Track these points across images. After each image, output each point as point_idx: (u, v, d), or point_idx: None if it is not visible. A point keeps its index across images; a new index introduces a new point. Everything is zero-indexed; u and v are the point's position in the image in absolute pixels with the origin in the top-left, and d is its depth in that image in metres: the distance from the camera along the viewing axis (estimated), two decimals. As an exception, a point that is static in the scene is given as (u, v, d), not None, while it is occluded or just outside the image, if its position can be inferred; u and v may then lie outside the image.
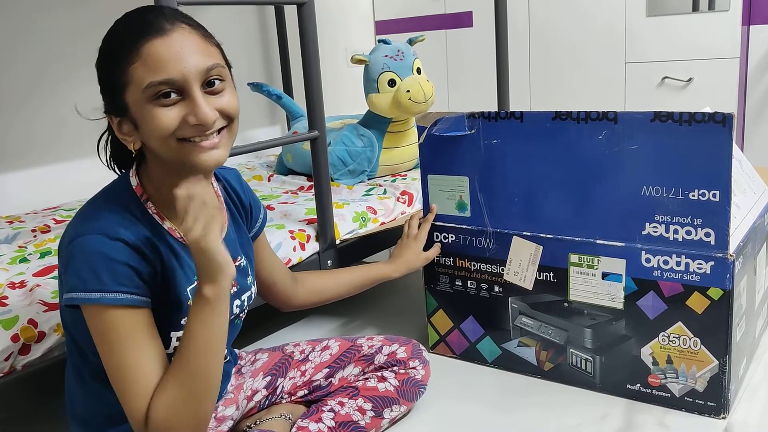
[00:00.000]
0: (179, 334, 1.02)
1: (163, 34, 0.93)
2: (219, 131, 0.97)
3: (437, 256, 1.59)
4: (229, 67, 1.02)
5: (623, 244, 1.34)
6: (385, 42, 2.16)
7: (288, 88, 2.97)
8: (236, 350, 1.36)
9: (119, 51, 0.94)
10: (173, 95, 0.93)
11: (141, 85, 0.92)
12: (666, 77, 2.74)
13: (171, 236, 1.03)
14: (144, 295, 0.96)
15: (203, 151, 0.96)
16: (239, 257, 1.15)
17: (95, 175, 1.13)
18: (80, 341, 1.03)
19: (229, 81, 1.00)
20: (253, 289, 1.20)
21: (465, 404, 1.44)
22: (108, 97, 0.98)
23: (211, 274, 0.93)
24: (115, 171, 1.10)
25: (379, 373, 1.33)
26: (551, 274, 1.44)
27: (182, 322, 1.02)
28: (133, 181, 1.03)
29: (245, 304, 1.17)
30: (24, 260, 1.54)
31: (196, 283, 1.03)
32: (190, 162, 0.96)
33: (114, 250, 0.93)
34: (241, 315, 1.18)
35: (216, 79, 0.96)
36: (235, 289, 1.13)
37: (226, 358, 1.20)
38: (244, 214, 1.22)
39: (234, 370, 1.30)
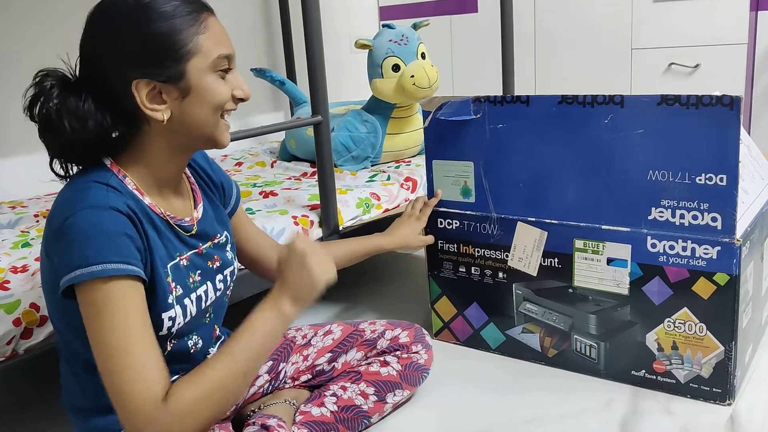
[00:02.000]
0: (170, 313, 1.00)
1: (212, 12, 1.01)
2: None
3: (441, 242, 1.58)
4: None
5: (629, 230, 1.33)
6: (389, 27, 2.15)
7: (291, 73, 2.95)
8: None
9: (184, 19, 0.96)
10: (228, 71, 1.01)
11: (210, 56, 0.97)
12: (673, 63, 2.72)
13: (152, 211, 1.01)
14: (141, 267, 0.94)
15: (227, 130, 1.04)
16: (218, 234, 1.14)
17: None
18: (69, 338, 1.01)
19: None
20: (236, 264, 1.20)
21: (468, 390, 1.44)
22: (156, 63, 0.95)
23: (302, 299, 1.03)
24: (64, 168, 1.02)
25: (381, 358, 1.33)
26: (556, 260, 1.43)
27: (169, 300, 1.00)
28: (106, 160, 1.00)
29: (228, 279, 1.16)
30: (26, 245, 1.54)
31: (178, 260, 1.03)
32: (218, 138, 1.02)
33: (109, 220, 0.91)
34: (227, 292, 1.18)
35: None
36: (218, 264, 1.13)
37: (217, 331, 1.20)
38: (216, 192, 1.21)
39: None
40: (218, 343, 1.18)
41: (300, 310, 1.03)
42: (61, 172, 1.01)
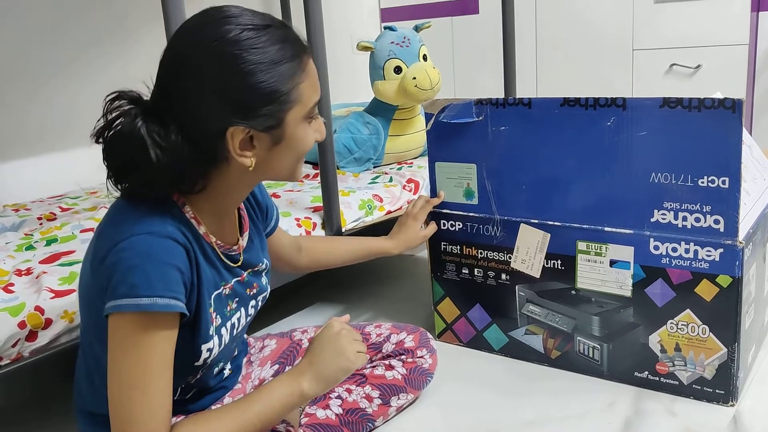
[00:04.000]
0: (209, 345, 0.99)
1: (309, 52, 0.96)
2: None
3: (444, 244, 1.58)
4: None
5: (631, 232, 1.33)
6: (391, 29, 2.15)
7: (293, 75, 2.95)
8: (245, 336, 1.35)
9: (290, 65, 0.92)
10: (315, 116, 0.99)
11: (308, 105, 0.95)
12: (674, 64, 2.72)
13: (205, 240, 0.99)
14: (185, 302, 0.91)
15: (302, 165, 1.02)
16: (260, 263, 1.14)
17: (100, 164, 1.11)
18: (97, 349, 0.98)
19: None
20: (269, 290, 1.19)
21: (472, 392, 1.44)
22: (257, 112, 0.91)
23: (329, 381, 1.01)
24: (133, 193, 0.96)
25: (386, 362, 1.33)
26: (559, 262, 1.43)
27: (210, 332, 0.99)
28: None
29: (260, 304, 1.16)
30: (30, 248, 1.54)
31: (222, 289, 1.02)
32: (295, 178, 1.02)
33: (163, 250, 0.88)
34: (254, 315, 1.18)
35: None
36: (255, 291, 1.12)
37: (235, 352, 1.20)
38: (261, 215, 1.21)
39: (245, 360, 1.30)
40: (230, 362, 1.18)
41: (321, 389, 1.01)
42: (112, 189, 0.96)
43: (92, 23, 2.30)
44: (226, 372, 1.16)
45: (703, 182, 1.24)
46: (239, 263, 1.07)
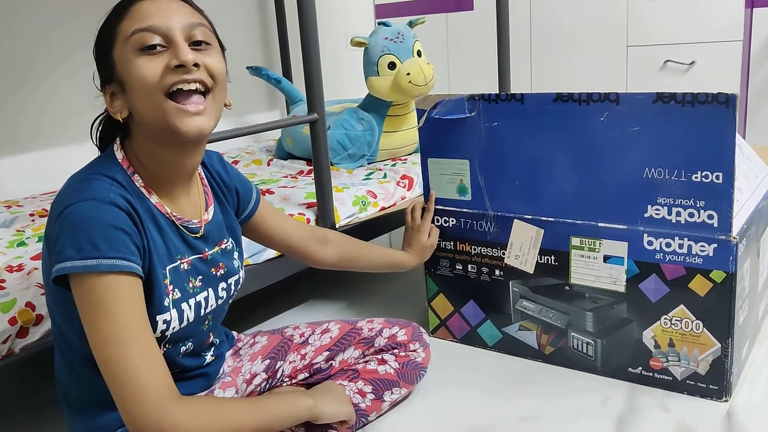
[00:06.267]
0: (165, 316, 1.00)
1: None
2: (204, 96, 0.96)
3: (438, 240, 1.58)
4: (223, 48, 1.03)
5: (625, 227, 1.33)
6: (385, 24, 2.14)
7: (287, 72, 2.95)
8: (235, 333, 1.35)
9: (111, 16, 0.96)
10: (158, 47, 0.93)
11: (126, 35, 0.93)
12: (668, 60, 2.72)
13: (158, 210, 1.01)
14: (139, 264, 0.93)
15: (187, 116, 0.94)
16: (225, 239, 1.14)
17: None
18: (66, 331, 1.00)
19: (217, 49, 1.00)
20: (241, 273, 1.18)
21: (466, 388, 1.44)
22: (99, 64, 0.99)
23: (337, 404, 1.17)
24: (99, 150, 1.08)
25: (379, 356, 1.33)
26: (552, 258, 1.43)
27: (165, 303, 1.00)
28: (119, 155, 1.01)
29: (232, 288, 1.15)
30: (22, 244, 1.54)
31: (178, 263, 1.03)
32: (173, 126, 0.94)
33: (108, 215, 0.91)
34: (229, 300, 1.17)
35: (202, 40, 0.96)
36: (223, 271, 1.12)
37: (210, 337, 1.19)
38: (230, 196, 1.19)
39: (231, 351, 1.30)
40: (212, 349, 1.18)
41: (330, 409, 1.14)
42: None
43: (88, 22, 2.29)
44: (208, 358, 1.16)
45: (696, 177, 1.24)
46: (199, 234, 1.07)
